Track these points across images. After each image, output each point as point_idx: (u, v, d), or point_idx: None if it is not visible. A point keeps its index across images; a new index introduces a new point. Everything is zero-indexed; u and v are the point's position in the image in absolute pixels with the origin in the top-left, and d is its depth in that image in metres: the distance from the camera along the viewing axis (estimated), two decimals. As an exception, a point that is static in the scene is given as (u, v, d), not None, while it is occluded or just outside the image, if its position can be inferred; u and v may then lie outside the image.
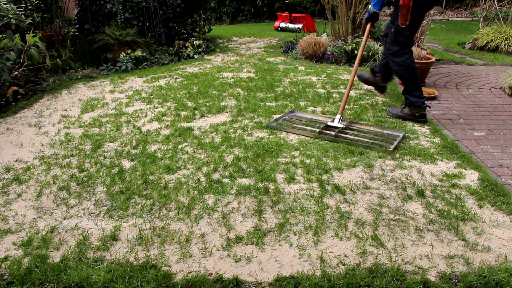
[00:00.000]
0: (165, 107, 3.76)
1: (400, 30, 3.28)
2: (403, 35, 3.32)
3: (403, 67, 3.38)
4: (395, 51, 3.37)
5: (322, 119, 3.38)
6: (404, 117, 3.49)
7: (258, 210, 2.13)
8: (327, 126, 3.17)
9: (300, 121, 3.35)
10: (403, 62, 3.37)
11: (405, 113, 3.48)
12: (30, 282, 1.65)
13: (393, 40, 3.36)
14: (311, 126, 3.22)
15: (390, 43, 3.40)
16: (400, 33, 3.31)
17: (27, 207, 2.19)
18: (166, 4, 6.27)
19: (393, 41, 3.36)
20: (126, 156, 2.77)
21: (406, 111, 3.48)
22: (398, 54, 3.37)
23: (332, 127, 3.17)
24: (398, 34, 3.32)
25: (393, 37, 3.35)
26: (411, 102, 3.41)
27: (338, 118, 3.24)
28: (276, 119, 3.35)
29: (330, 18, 6.61)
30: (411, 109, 3.44)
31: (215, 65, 5.61)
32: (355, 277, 1.66)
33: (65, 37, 5.50)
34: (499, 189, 2.32)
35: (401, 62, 3.37)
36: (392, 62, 3.44)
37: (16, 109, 3.81)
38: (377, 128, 3.21)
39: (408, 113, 3.47)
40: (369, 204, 2.20)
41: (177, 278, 1.67)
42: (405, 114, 3.48)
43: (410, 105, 3.43)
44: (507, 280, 1.64)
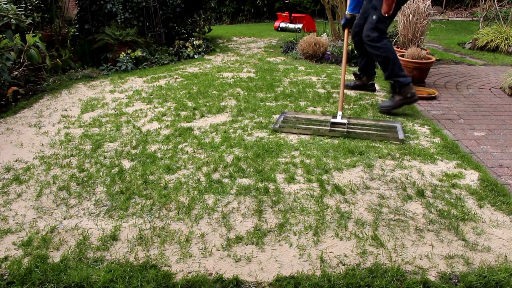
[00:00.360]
0: (165, 107, 3.76)
1: (382, 18, 3.44)
2: (384, 23, 3.51)
3: (385, 49, 3.50)
4: (375, 37, 3.49)
5: (321, 118, 3.42)
6: (399, 105, 3.55)
7: (258, 210, 2.13)
8: (333, 123, 3.22)
9: (299, 121, 3.33)
10: (384, 45, 3.51)
11: (397, 100, 3.56)
12: (30, 282, 1.65)
13: (374, 27, 3.48)
14: (316, 124, 3.24)
15: (370, 30, 3.50)
16: (382, 21, 3.47)
17: (27, 207, 2.19)
18: (166, 4, 6.27)
19: (373, 28, 3.48)
20: (126, 156, 2.77)
21: (397, 98, 3.55)
22: (378, 39, 3.50)
23: (339, 124, 3.23)
24: (380, 22, 3.47)
25: (374, 23, 3.47)
26: (401, 83, 3.49)
27: (340, 115, 3.29)
28: (276, 122, 3.30)
29: (330, 18, 6.61)
30: (401, 92, 3.51)
31: (215, 65, 5.61)
32: (355, 277, 1.66)
33: (65, 37, 5.50)
34: (499, 189, 2.32)
35: (382, 46, 3.50)
36: (373, 47, 3.53)
37: (16, 109, 3.81)
38: (374, 121, 3.35)
39: (401, 98, 3.54)
40: (369, 204, 2.20)
41: (177, 278, 1.67)
42: (398, 101, 3.55)
43: (401, 88, 3.50)
44: (507, 280, 1.64)
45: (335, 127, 3.18)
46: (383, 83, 4.61)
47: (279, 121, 3.29)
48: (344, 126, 3.19)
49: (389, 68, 3.51)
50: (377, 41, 3.49)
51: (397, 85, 3.50)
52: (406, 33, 5.28)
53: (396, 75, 3.50)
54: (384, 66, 3.55)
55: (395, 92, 3.54)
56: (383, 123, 3.31)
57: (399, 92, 3.51)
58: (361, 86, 4.34)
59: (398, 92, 3.52)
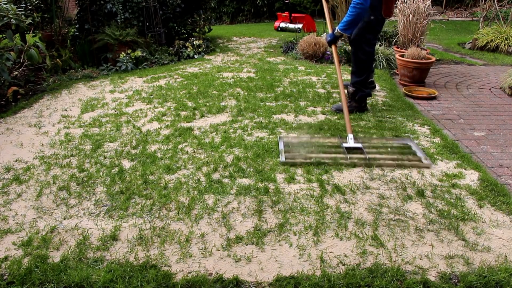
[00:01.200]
0: (165, 107, 3.76)
1: (381, 20, 3.43)
2: (380, 25, 3.51)
3: (370, 59, 3.56)
4: (369, 39, 3.48)
5: (327, 141, 3.00)
6: (351, 111, 3.61)
7: (258, 210, 2.13)
8: (348, 149, 2.81)
9: (304, 146, 2.89)
10: (371, 53, 3.55)
11: (353, 106, 3.63)
12: (30, 282, 1.65)
13: (370, 27, 3.43)
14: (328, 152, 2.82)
15: (365, 29, 3.43)
16: (380, 23, 3.47)
17: (27, 207, 2.19)
18: (166, 4, 6.27)
19: (369, 28, 3.43)
20: (126, 156, 2.77)
21: (353, 105, 3.64)
22: (371, 43, 3.51)
23: (353, 148, 2.82)
24: (378, 23, 3.45)
25: (371, 23, 3.41)
26: (363, 94, 3.58)
27: (351, 138, 2.88)
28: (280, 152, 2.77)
29: (330, 18, 6.60)
30: (359, 101, 3.61)
31: (215, 65, 5.61)
32: (355, 277, 1.66)
33: (65, 37, 5.50)
34: (499, 189, 2.32)
35: (370, 53, 3.53)
36: (360, 50, 3.50)
37: (16, 109, 3.81)
38: (384, 140, 3.01)
39: (356, 106, 3.63)
40: (369, 204, 2.20)
41: (177, 278, 1.67)
42: (353, 107, 3.64)
43: (360, 97, 3.59)
44: (507, 280, 1.64)
45: (351, 153, 2.77)
46: (383, 83, 4.61)
47: (282, 151, 2.78)
48: (361, 151, 2.79)
49: (363, 77, 3.58)
50: (369, 45, 3.50)
51: (359, 95, 3.59)
52: (406, 33, 5.28)
53: (364, 85, 3.61)
54: (360, 72, 3.58)
55: (353, 100, 3.64)
56: (394, 141, 2.98)
57: (357, 100, 3.62)
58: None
59: (356, 100, 3.63)
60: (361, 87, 3.57)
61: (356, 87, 3.58)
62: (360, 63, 3.55)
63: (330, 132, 3.13)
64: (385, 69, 5.24)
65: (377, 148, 2.88)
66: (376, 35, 3.55)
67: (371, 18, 3.37)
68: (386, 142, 2.98)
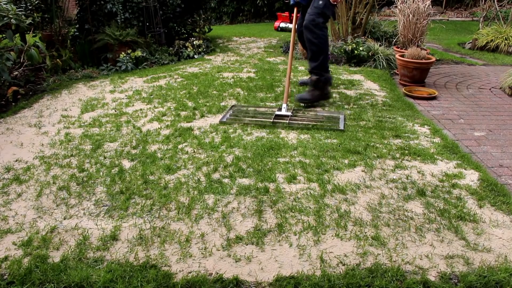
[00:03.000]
0: (165, 107, 3.76)
1: (329, 4, 3.51)
2: (330, 10, 3.58)
3: (323, 40, 3.60)
4: (320, 23, 3.54)
5: (268, 110, 3.57)
6: (316, 100, 3.67)
7: (258, 210, 2.13)
8: (277, 115, 3.37)
9: (246, 113, 3.47)
10: (324, 35, 3.60)
11: (316, 95, 3.67)
12: (30, 282, 1.65)
13: (320, 12, 3.52)
14: (262, 117, 3.39)
15: (315, 14, 3.52)
16: (329, 7, 3.54)
17: (27, 207, 2.19)
18: (166, 4, 6.27)
19: (320, 13, 3.52)
20: (126, 156, 2.77)
21: (316, 93, 3.67)
22: (321, 27, 3.57)
23: (283, 116, 3.37)
24: (327, 8, 3.53)
25: (321, 8, 3.51)
26: (326, 78, 3.63)
27: (284, 107, 3.41)
28: (224, 115, 3.42)
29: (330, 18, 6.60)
30: (321, 88, 3.65)
31: (215, 65, 5.61)
32: (355, 277, 1.66)
33: (65, 37, 5.49)
34: (499, 189, 2.32)
35: (322, 36, 3.58)
36: (313, 34, 3.55)
37: (16, 109, 3.81)
38: (319, 112, 3.51)
39: (319, 94, 3.67)
40: (369, 204, 2.20)
41: (177, 278, 1.67)
42: (316, 96, 3.68)
43: (323, 84, 3.63)
44: (507, 280, 1.64)
45: (279, 118, 3.32)
46: (383, 83, 4.61)
47: (228, 114, 3.40)
48: (287, 118, 3.32)
49: (320, 59, 3.61)
50: (320, 29, 3.55)
51: (322, 80, 3.62)
52: (406, 33, 5.28)
53: (324, 69, 3.65)
54: (316, 56, 3.62)
55: (316, 88, 3.67)
56: (327, 114, 3.48)
57: (320, 87, 3.65)
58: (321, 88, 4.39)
59: (319, 88, 3.65)
60: (320, 71, 3.63)
61: (315, 72, 3.65)
62: (313, 46, 3.62)
63: (329, 131, 3.13)
64: (385, 69, 5.24)
65: (306, 117, 3.38)
66: (326, 19, 3.66)
67: (319, 3, 3.49)
68: (318, 114, 3.46)
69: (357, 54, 5.45)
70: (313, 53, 3.62)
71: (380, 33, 6.58)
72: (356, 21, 6.28)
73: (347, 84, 4.54)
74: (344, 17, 6.32)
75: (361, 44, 5.55)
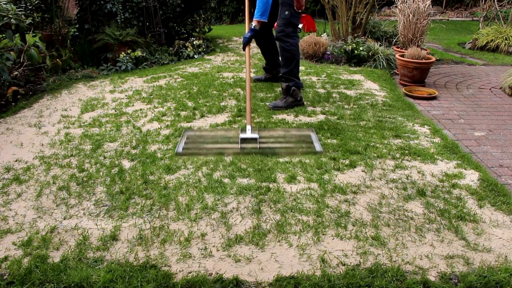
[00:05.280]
0: (165, 107, 3.76)
1: (295, 13, 3.60)
2: (297, 18, 3.66)
3: (295, 47, 3.67)
4: (289, 32, 3.64)
5: (229, 133, 3.10)
6: (290, 106, 3.71)
7: (258, 210, 2.13)
8: (243, 139, 2.90)
9: (206, 139, 3.00)
10: (295, 44, 3.69)
11: (289, 101, 3.73)
12: (30, 282, 1.65)
13: (288, 23, 3.62)
14: (224, 142, 2.94)
15: (284, 25, 3.63)
16: (295, 16, 3.63)
17: (27, 207, 2.19)
18: (166, 4, 6.27)
19: (288, 23, 3.62)
20: (126, 156, 2.77)
21: (290, 100, 3.73)
22: (292, 35, 3.66)
23: (249, 139, 2.90)
24: (294, 17, 3.62)
25: (288, 19, 3.61)
26: (296, 84, 3.70)
27: (249, 129, 2.96)
28: (178, 145, 2.89)
29: (330, 18, 6.61)
30: (293, 95, 3.71)
31: (215, 65, 5.61)
32: (355, 277, 1.66)
33: (65, 37, 5.49)
34: (499, 189, 2.32)
35: (294, 44, 3.67)
36: (285, 43, 3.65)
37: (16, 109, 3.81)
38: (286, 131, 3.14)
39: (292, 100, 3.73)
40: (369, 204, 2.20)
41: (177, 278, 1.67)
42: (290, 102, 3.73)
43: (293, 91, 3.69)
44: (507, 280, 1.64)
45: (246, 143, 2.87)
46: (383, 83, 4.61)
47: (182, 143, 2.92)
48: (255, 141, 2.88)
49: (291, 66, 3.70)
50: (291, 38, 3.65)
51: (292, 85, 3.68)
52: (406, 33, 5.28)
53: (294, 75, 3.72)
54: (288, 62, 3.71)
55: (288, 94, 3.73)
56: (296, 132, 3.12)
57: (292, 94, 3.71)
58: (273, 78, 4.56)
59: (290, 94, 3.71)
60: (291, 76, 3.72)
61: (286, 77, 3.73)
62: (287, 53, 3.71)
63: (330, 132, 3.13)
64: (385, 69, 5.24)
65: (276, 138, 3.02)
66: (295, 28, 3.74)
67: (285, 14, 3.59)
68: (287, 133, 3.12)
69: (357, 54, 5.45)
70: (286, 59, 3.74)
71: (380, 33, 6.58)
72: (356, 21, 6.28)
73: (347, 84, 4.54)
74: (344, 17, 6.32)
75: (361, 44, 5.55)
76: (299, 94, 3.75)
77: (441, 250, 1.84)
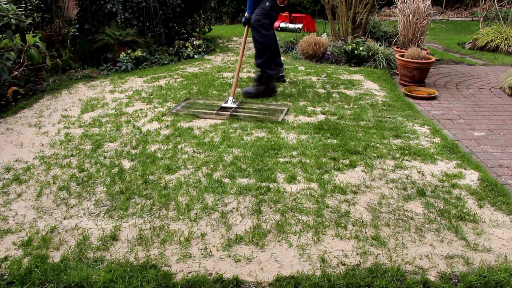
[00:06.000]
0: (165, 107, 3.76)
1: (276, 7, 3.69)
2: (277, 12, 3.78)
3: (269, 40, 3.76)
4: (265, 24, 3.73)
5: (216, 103, 3.73)
6: (262, 94, 3.84)
7: (258, 210, 2.13)
8: (222, 107, 3.52)
9: (197, 105, 3.66)
10: (269, 35, 3.76)
11: (261, 89, 3.84)
12: (30, 282, 1.65)
13: (266, 14, 3.71)
14: (209, 108, 3.56)
15: (262, 15, 3.72)
16: (276, 9, 3.71)
17: (27, 207, 2.19)
18: (166, 4, 6.27)
19: (266, 14, 3.71)
20: (126, 156, 2.77)
21: (261, 88, 3.83)
22: (267, 27, 3.75)
23: (227, 108, 3.51)
24: (274, 10, 3.71)
25: (267, 10, 3.70)
26: (270, 75, 3.80)
27: (231, 100, 3.59)
28: (175, 106, 3.61)
29: (330, 18, 6.61)
30: (266, 83, 3.82)
31: (215, 65, 5.61)
32: (355, 277, 1.66)
33: (65, 37, 5.49)
34: (499, 189, 2.32)
35: (268, 35, 3.75)
36: (259, 33, 3.75)
37: (16, 109, 3.81)
38: (264, 105, 3.65)
39: (264, 88, 3.84)
40: (369, 204, 2.20)
41: (177, 278, 1.67)
42: (262, 90, 3.84)
43: (267, 79, 3.79)
44: (507, 280, 1.64)
45: (223, 110, 3.47)
46: (383, 83, 4.61)
47: (179, 106, 3.63)
48: (230, 109, 3.47)
49: (264, 57, 3.78)
50: (266, 29, 3.72)
51: (266, 76, 3.78)
52: (406, 33, 5.28)
53: (268, 66, 3.80)
54: (261, 53, 3.80)
55: (261, 83, 3.83)
56: (274, 106, 3.62)
57: (264, 83, 3.81)
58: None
59: (263, 83, 3.81)
60: (264, 68, 3.79)
61: (260, 67, 3.80)
62: (259, 44, 3.80)
63: (330, 132, 3.13)
64: (385, 69, 5.24)
65: (252, 109, 3.53)
66: (272, 20, 3.82)
67: (266, 4, 3.66)
68: (265, 107, 3.61)
69: (357, 54, 5.45)
70: (258, 51, 3.81)
71: (380, 33, 6.58)
72: (356, 21, 6.28)
73: (347, 84, 4.54)
74: (344, 17, 6.32)
75: (361, 44, 5.55)
76: (272, 83, 3.86)
77: (441, 250, 1.84)
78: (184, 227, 2.01)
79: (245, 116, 3.37)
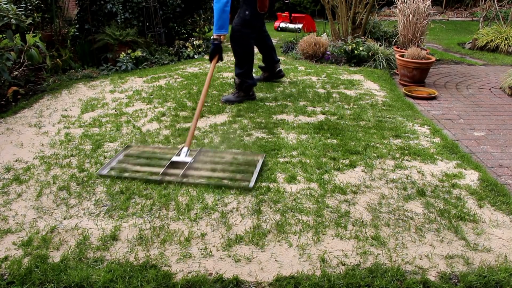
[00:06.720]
0: (165, 107, 3.76)
1: (256, 14, 3.57)
2: (258, 19, 3.65)
3: (249, 51, 3.69)
4: (246, 34, 3.63)
5: (169, 152, 2.75)
6: (241, 101, 3.80)
7: (258, 210, 2.13)
8: (173, 163, 2.53)
9: (139, 161, 2.64)
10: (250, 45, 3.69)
11: (241, 96, 3.81)
12: (30, 282, 1.65)
13: (247, 24, 3.60)
14: (154, 165, 2.58)
15: (242, 25, 3.60)
16: (256, 17, 3.60)
17: (27, 207, 2.19)
18: (166, 4, 6.27)
19: (246, 24, 3.60)
20: (126, 156, 2.76)
21: (241, 95, 3.81)
22: (248, 37, 3.64)
23: (179, 163, 2.53)
24: (255, 18, 3.59)
25: (248, 20, 3.58)
26: (248, 84, 3.76)
27: (185, 152, 2.61)
28: (109, 162, 2.60)
29: (330, 18, 6.61)
30: (246, 90, 3.80)
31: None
32: (355, 277, 1.66)
33: (65, 37, 5.49)
34: (499, 189, 2.32)
35: (248, 45, 3.67)
36: (238, 44, 3.67)
37: (16, 109, 3.81)
38: (234, 154, 2.72)
39: (244, 95, 3.81)
40: (369, 204, 2.20)
41: (177, 278, 1.67)
42: (242, 97, 3.81)
43: (247, 88, 3.77)
44: (507, 280, 1.64)
45: (173, 168, 2.50)
46: (383, 83, 4.61)
47: (114, 161, 2.63)
48: (184, 166, 2.49)
49: (244, 69, 3.73)
50: (246, 39, 3.63)
51: (244, 85, 3.76)
52: (406, 33, 5.28)
53: (248, 76, 3.76)
54: (240, 64, 3.75)
55: (240, 90, 3.79)
56: (245, 156, 2.69)
57: (244, 90, 3.78)
58: (270, 76, 4.58)
59: (243, 90, 3.79)
60: (244, 78, 3.75)
61: (240, 78, 3.77)
62: (239, 56, 3.73)
63: (330, 132, 3.13)
64: (385, 69, 5.24)
65: (213, 163, 2.58)
66: (253, 29, 3.68)
67: (246, 13, 3.53)
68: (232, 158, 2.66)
69: (357, 54, 5.45)
70: (239, 62, 3.76)
71: (380, 33, 6.58)
72: (356, 21, 6.28)
73: (347, 84, 4.54)
74: (344, 17, 6.32)
75: (361, 44, 5.55)
76: (251, 90, 3.84)
77: (441, 250, 1.84)
78: (184, 227, 2.01)
79: (201, 178, 2.41)
